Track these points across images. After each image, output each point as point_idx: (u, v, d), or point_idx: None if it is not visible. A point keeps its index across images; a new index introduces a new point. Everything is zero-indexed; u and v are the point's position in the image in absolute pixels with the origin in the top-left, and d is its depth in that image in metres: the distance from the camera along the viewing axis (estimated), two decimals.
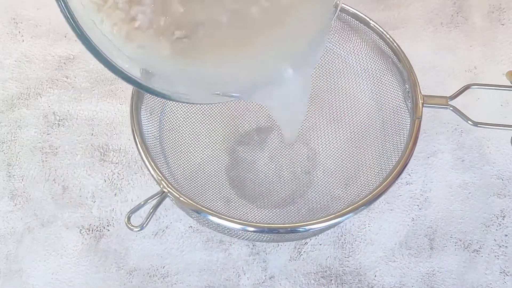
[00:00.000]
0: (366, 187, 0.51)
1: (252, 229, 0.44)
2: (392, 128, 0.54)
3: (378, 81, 0.56)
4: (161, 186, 0.45)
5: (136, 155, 0.58)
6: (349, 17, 0.54)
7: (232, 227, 0.44)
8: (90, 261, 0.54)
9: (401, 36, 0.66)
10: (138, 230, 0.43)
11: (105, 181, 0.57)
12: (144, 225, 0.43)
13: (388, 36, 0.52)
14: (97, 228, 0.55)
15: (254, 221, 0.50)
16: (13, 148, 0.59)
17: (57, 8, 0.73)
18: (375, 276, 0.53)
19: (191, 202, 0.44)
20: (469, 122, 0.48)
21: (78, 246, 0.54)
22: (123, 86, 0.62)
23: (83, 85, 0.63)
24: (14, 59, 0.64)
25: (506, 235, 0.55)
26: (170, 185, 0.45)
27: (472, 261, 0.54)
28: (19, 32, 0.66)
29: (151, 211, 0.44)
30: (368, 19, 0.53)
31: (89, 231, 0.55)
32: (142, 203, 0.44)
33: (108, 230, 0.55)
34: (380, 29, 0.53)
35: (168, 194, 0.44)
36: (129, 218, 0.44)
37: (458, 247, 0.54)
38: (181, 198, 0.44)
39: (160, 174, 0.45)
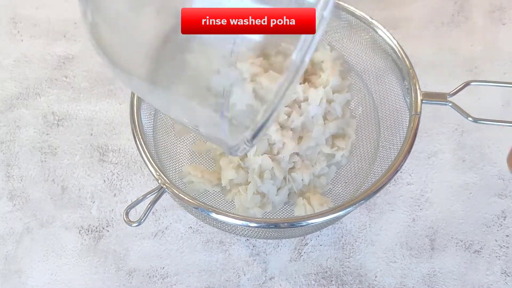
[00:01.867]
0: (366, 183, 0.51)
1: (254, 224, 0.44)
2: (392, 126, 0.54)
3: (378, 78, 0.56)
4: (160, 182, 0.44)
5: (135, 155, 0.58)
6: (348, 15, 0.54)
7: (232, 222, 0.44)
8: (89, 262, 0.53)
9: (402, 35, 0.66)
10: (136, 225, 0.43)
11: (105, 182, 0.57)
12: (142, 220, 0.43)
13: (387, 33, 0.52)
14: (96, 228, 0.55)
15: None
16: (12, 148, 0.59)
17: (56, 7, 0.72)
18: (375, 276, 0.53)
19: (190, 198, 0.44)
20: (469, 118, 0.48)
21: (77, 246, 0.54)
22: (122, 86, 0.62)
23: (82, 85, 0.62)
24: (13, 59, 0.64)
25: (507, 236, 0.55)
26: (168, 181, 0.45)
27: (473, 261, 0.54)
28: (18, 31, 0.66)
29: (148, 206, 0.44)
30: (367, 16, 0.53)
31: (88, 231, 0.55)
32: (141, 198, 0.44)
33: (108, 231, 0.55)
34: (379, 26, 0.52)
35: (166, 189, 0.44)
36: (127, 214, 0.43)
37: (459, 247, 0.54)
38: (179, 194, 0.44)
39: (158, 170, 0.45)
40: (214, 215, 0.43)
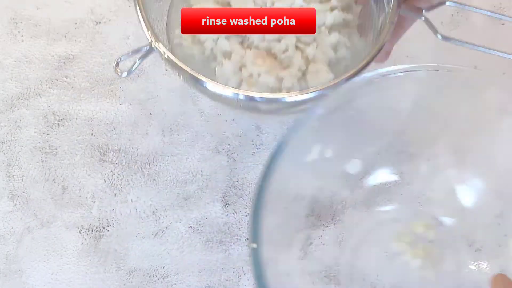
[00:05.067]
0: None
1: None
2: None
3: None
4: (150, 41, 0.46)
5: (136, 155, 0.58)
6: None
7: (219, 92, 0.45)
8: (90, 261, 0.53)
9: None
10: (125, 76, 0.46)
11: (105, 181, 0.57)
12: (132, 69, 0.46)
13: None
14: (97, 228, 0.55)
15: None
16: (12, 148, 0.59)
17: (57, 7, 0.72)
18: (377, 275, 0.53)
19: (179, 62, 0.45)
20: (438, 35, 0.49)
21: (78, 246, 0.54)
22: (122, 86, 0.62)
23: (83, 85, 0.62)
24: (13, 59, 0.64)
25: (505, 235, 0.55)
26: (158, 40, 0.46)
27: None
28: (19, 32, 0.66)
29: (138, 58, 0.46)
30: None
31: (89, 231, 0.55)
32: (131, 52, 0.46)
33: (108, 231, 0.55)
34: None
35: (156, 48, 0.46)
36: (117, 64, 0.46)
37: None
38: (166, 55, 0.45)
39: (149, 25, 0.46)
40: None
